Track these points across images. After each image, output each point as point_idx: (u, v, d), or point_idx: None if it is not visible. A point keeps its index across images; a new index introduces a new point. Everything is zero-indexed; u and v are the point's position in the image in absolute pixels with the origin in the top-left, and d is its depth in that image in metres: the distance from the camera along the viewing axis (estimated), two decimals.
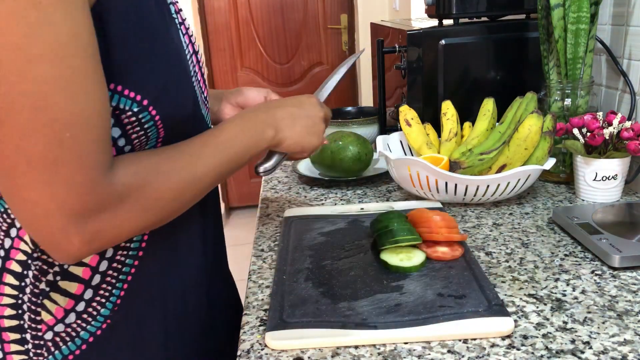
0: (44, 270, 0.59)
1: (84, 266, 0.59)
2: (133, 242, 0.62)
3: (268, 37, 3.43)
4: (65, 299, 0.60)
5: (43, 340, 0.60)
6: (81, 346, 0.61)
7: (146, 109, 0.56)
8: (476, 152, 1.06)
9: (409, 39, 1.19)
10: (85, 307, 0.60)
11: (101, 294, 0.61)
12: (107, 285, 0.61)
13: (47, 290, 0.59)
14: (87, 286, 0.60)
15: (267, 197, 1.11)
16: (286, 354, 0.61)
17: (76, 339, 0.61)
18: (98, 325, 0.61)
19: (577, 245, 0.82)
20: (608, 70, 1.11)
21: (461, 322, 0.62)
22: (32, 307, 0.59)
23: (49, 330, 0.60)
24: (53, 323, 0.60)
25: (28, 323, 0.60)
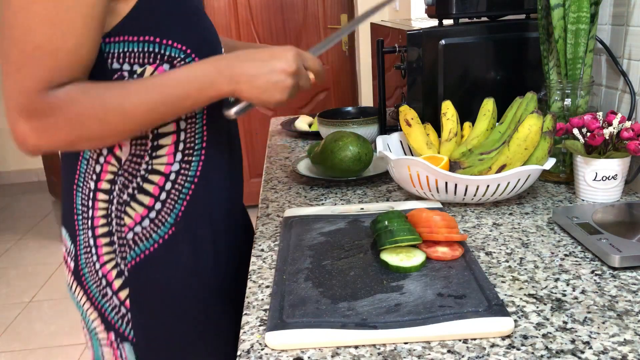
0: (126, 184, 0.79)
1: (154, 185, 0.80)
2: (190, 170, 0.82)
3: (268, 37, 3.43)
4: (142, 208, 0.80)
5: (125, 240, 0.80)
6: (153, 245, 0.81)
7: (190, 55, 0.75)
8: (476, 152, 1.06)
9: (409, 39, 1.19)
10: (156, 215, 0.80)
11: (167, 206, 0.81)
12: (171, 201, 0.81)
13: (128, 200, 0.79)
14: (156, 200, 0.80)
15: (267, 197, 1.11)
16: (286, 354, 0.61)
17: (150, 239, 0.80)
18: (165, 230, 0.81)
19: (577, 245, 0.83)
20: (608, 70, 1.11)
21: (461, 322, 0.62)
22: (118, 214, 0.79)
23: (130, 231, 0.80)
24: (133, 225, 0.80)
25: (115, 227, 0.80)
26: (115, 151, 0.78)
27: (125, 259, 0.80)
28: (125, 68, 0.73)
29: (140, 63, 0.73)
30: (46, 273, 3.11)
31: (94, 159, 0.79)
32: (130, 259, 0.80)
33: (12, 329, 2.60)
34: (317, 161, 1.16)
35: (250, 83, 0.72)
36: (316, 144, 1.25)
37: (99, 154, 0.79)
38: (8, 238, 3.66)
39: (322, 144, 1.16)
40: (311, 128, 1.62)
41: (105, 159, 0.79)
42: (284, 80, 0.73)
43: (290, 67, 0.73)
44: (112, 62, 0.73)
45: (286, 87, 0.73)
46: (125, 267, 0.80)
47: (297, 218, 0.94)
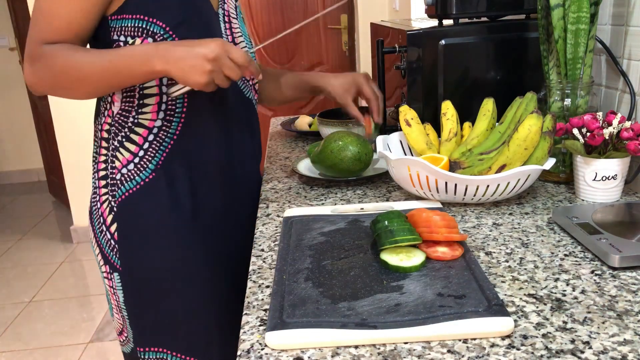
0: (117, 133, 0.96)
1: (138, 135, 0.95)
2: (171, 127, 0.96)
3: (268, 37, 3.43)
4: (128, 153, 0.96)
5: (115, 180, 0.97)
6: (136, 186, 0.96)
7: (168, 32, 0.91)
8: (476, 152, 1.06)
9: (409, 39, 1.19)
10: (139, 161, 0.96)
11: (149, 154, 0.96)
12: (153, 150, 0.96)
13: (118, 146, 0.96)
14: (140, 148, 0.96)
15: (267, 197, 1.11)
16: (286, 354, 0.61)
17: (133, 180, 0.96)
18: (147, 174, 0.96)
19: (577, 245, 0.83)
20: (608, 70, 1.11)
21: (461, 322, 0.62)
22: (112, 158, 0.96)
23: (119, 172, 0.96)
24: (121, 167, 0.96)
25: (110, 170, 0.97)
26: (111, 105, 0.96)
27: (114, 196, 0.96)
28: (122, 39, 0.91)
29: (132, 35, 0.90)
30: (46, 273, 3.11)
31: (102, 112, 0.98)
32: (118, 197, 0.96)
33: (12, 329, 2.60)
34: (316, 161, 1.16)
35: (177, 64, 0.83)
36: (316, 144, 1.25)
37: (105, 108, 0.97)
38: (8, 238, 3.66)
39: (322, 144, 1.16)
40: (311, 128, 1.62)
41: (107, 112, 0.97)
42: (203, 65, 0.83)
43: (210, 54, 0.83)
44: (113, 35, 0.91)
45: (205, 71, 0.83)
46: (115, 203, 0.96)
47: (297, 218, 0.95)
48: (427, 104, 1.21)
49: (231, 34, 1.04)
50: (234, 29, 1.05)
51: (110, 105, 0.96)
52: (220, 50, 0.84)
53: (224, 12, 1.03)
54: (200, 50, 0.83)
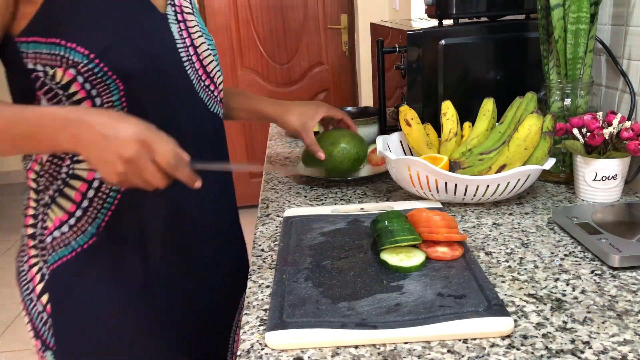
0: (47, 186, 0.78)
1: (76, 190, 0.77)
2: None
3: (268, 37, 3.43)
4: (62, 213, 0.78)
5: (45, 243, 0.78)
6: (72, 252, 0.78)
7: (93, 61, 0.72)
8: (476, 152, 1.06)
9: (409, 39, 1.19)
10: (76, 222, 0.78)
11: (88, 215, 0.78)
12: (94, 210, 0.78)
13: (49, 202, 0.78)
14: (77, 207, 0.78)
15: (267, 197, 1.11)
16: (286, 354, 0.61)
17: (68, 246, 0.78)
18: (86, 240, 0.78)
19: (577, 245, 0.83)
20: (608, 70, 1.11)
21: (461, 322, 0.62)
22: (42, 216, 0.78)
23: (50, 235, 0.78)
24: (52, 229, 0.78)
25: (40, 230, 0.79)
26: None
27: (46, 262, 0.79)
28: (39, 69, 0.72)
29: (50, 65, 0.72)
30: None
31: (29, 155, 0.79)
32: (50, 264, 0.79)
33: (12, 329, 2.60)
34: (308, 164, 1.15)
35: (87, 150, 0.65)
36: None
37: (30, 158, 0.79)
38: (8, 238, 3.66)
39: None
40: None
41: (34, 156, 0.78)
42: (115, 164, 0.64)
43: (125, 153, 0.64)
44: (27, 62, 0.72)
45: (115, 172, 0.65)
46: (47, 270, 0.79)
47: (297, 218, 0.95)
48: (427, 104, 1.21)
49: (188, 35, 0.85)
50: (190, 28, 0.86)
51: None
52: (140, 151, 0.64)
53: (175, 10, 0.84)
54: (114, 144, 0.64)
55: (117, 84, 0.74)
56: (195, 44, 0.86)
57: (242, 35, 3.42)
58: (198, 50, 0.86)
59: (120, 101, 0.75)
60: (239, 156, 3.57)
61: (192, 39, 0.86)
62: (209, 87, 0.88)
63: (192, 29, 0.87)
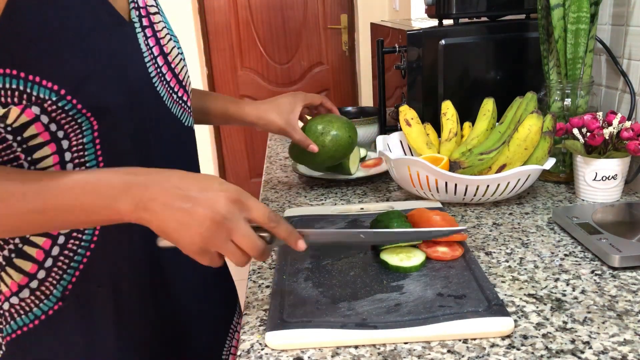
0: (1, 245, 0.65)
1: (37, 248, 0.65)
2: (85, 234, 0.66)
3: (268, 37, 3.43)
4: (20, 275, 0.65)
5: (2, 310, 0.66)
6: (34, 321, 0.66)
7: (64, 97, 0.58)
8: (476, 152, 1.06)
9: (409, 39, 1.19)
10: (39, 286, 0.66)
11: (53, 276, 0.66)
12: (59, 270, 0.66)
13: (3, 264, 0.65)
14: (40, 267, 0.65)
15: (267, 197, 1.11)
16: (286, 354, 0.61)
17: (29, 313, 0.66)
18: (50, 305, 0.67)
19: (577, 245, 0.83)
20: (608, 70, 1.11)
21: (461, 322, 0.62)
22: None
23: (6, 301, 0.66)
24: (9, 295, 0.66)
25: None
26: None
27: (2, 331, 0.67)
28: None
29: (3, 102, 0.57)
30: None
31: None
32: (6, 334, 0.67)
33: None
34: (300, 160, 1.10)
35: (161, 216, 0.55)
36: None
37: None
38: None
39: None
40: None
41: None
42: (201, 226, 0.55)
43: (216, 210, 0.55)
44: None
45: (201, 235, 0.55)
46: (2, 340, 0.67)
47: (297, 218, 0.94)
48: (427, 104, 1.21)
49: (156, 42, 0.72)
50: (158, 32, 0.74)
51: None
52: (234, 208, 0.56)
53: (140, 14, 0.71)
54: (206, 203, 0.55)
55: (91, 122, 0.61)
56: (165, 50, 0.73)
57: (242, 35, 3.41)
58: (169, 58, 0.74)
59: (93, 142, 0.63)
60: (239, 156, 3.57)
61: (162, 46, 0.73)
62: (182, 97, 0.76)
63: (161, 33, 0.74)
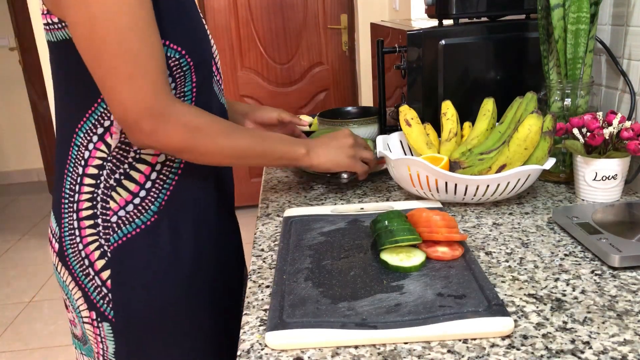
0: (113, 170, 0.83)
1: (139, 173, 0.84)
2: (175, 162, 0.86)
3: (268, 37, 3.43)
4: (127, 193, 0.84)
5: (110, 223, 0.84)
6: (136, 229, 0.84)
7: (184, 56, 0.81)
8: (476, 152, 1.06)
9: (409, 39, 1.19)
10: (140, 202, 0.84)
11: (151, 195, 0.85)
12: (156, 190, 0.85)
13: (114, 185, 0.83)
14: (141, 188, 0.84)
15: (267, 197, 1.11)
16: (286, 354, 0.61)
17: (132, 224, 0.84)
18: (148, 217, 0.85)
19: (577, 245, 0.83)
20: (608, 70, 1.11)
21: (461, 322, 0.62)
22: (104, 198, 0.83)
23: (114, 215, 0.84)
24: (117, 209, 0.84)
25: (100, 210, 0.84)
26: (106, 138, 0.82)
27: (108, 240, 0.84)
28: None
29: None
30: (46, 273, 3.11)
31: (84, 145, 0.83)
32: (113, 242, 0.84)
33: (12, 329, 2.60)
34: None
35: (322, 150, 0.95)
36: None
37: (89, 141, 0.83)
38: (8, 238, 3.66)
39: None
40: (311, 128, 1.62)
41: (95, 145, 0.83)
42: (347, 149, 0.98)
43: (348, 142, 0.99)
44: None
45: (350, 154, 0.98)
46: (108, 248, 0.84)
47: (297, 218, 0.94)
48: (427, 104, 1.21)
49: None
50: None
51: (103, 135, 0.82)
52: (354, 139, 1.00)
53: None
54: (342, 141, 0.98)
55: (192, 74, 0.84)
56: None
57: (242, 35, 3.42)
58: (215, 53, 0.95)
59: (191, 90, 0.85)
60: None
61: None
62: (219, 81, 0.96)
63: None
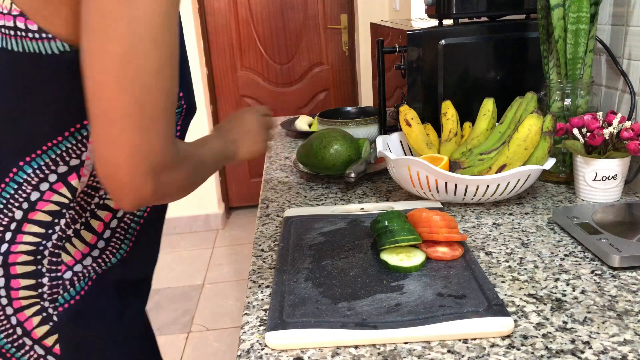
0: (75, 219, 0.69)
1: (99, 221, 0.71)
2: (139, 210, 0.75)
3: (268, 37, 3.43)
4: (83, 245, 0.70)
5: (62, 280, 0.69)
6: (88, 282, 0.71)
7: (180, 100, 0.73)
8: (476, 152, 1.06)
9: (409, 39, 1.19)
10: (99, 254, 0.72)
11: (112, 245, 0.73)
12: (117, 241, 0.74)
13: (71, 235, 0.69)
14: (99, 238, 0.71)
15: (267, 197, 1.11)
16: (286, 354, 0.61)
17: (86, 278, 0.71)
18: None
19: (577, 245, 0.83)
20: (608, 70, 1.11)
21: (461, 322, 0.62)
22: (54, 251, 0.68)
23: (68, 270, 0.69)
24: (72, 264, 0.70)
25: (47, 267, 0.68)
26: (70, 180, 0.66)
27: (56, 301, 0.70)
28: None
29: None
30: None
31: (32, 184, 0.66)
32: (64, 301, 0.70)
33: None
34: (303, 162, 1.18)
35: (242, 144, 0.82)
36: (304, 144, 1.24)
37: (41, 180, 0.66)
38: None
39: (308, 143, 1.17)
40: (311, 128, 1.62)
41: (51, 187, 0.67)
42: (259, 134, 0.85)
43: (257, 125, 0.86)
44: None
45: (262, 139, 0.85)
46: (54, 311, 0.70)
47: (297, 218, 0.94)
48: (427, 104, 1.21)
49: None
50: None
51: (66, 175, 0.66)
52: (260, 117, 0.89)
53: None
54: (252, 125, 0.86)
55: (180, 119, 0.77)
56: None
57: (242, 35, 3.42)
58: None
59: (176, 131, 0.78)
60: None
61: None
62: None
63: None
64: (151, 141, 0.57)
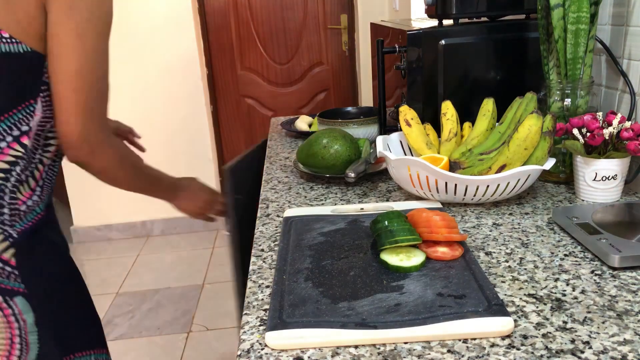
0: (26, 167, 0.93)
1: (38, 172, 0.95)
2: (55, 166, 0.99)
3: (268, 37, 3.43)
4: (30, 187, 0.95)
5: (18, 211, 0.93)
6: (37, 216, 0.96)
7: None
8: (476, 152, 1.06)
9: (409, 39, 1.19)
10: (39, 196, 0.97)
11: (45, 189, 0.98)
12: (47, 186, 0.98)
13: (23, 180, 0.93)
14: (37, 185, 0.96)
15: (267, 197, 1.11)
16: (286, 354, 0.61)
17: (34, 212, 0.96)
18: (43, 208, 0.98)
19: (577, 245, 0.83)
20: (608, 70, 1.11)
21: (461, 322, 0.62)
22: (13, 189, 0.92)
23: (24, 204, 0.94)
24: (25, 199, 0.94)
25: (8, 201, 0.92)
26: (23, 140, 0.91)
27: (13, 226, 0.93)
28: None
29: None
30: None
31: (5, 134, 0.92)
32: (20, 227, 0.94)
33: None
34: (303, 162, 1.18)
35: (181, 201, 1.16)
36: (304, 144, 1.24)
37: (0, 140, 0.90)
38: None
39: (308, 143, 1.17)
40: (311, 128, 1.62)
41: (9, 145, 0.92)
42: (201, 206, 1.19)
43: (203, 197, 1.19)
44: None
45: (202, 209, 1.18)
46: (13, 231, 0.93)
47: (297, 218, 0.95)
48: (427, 104, 1.21)
49: None
50: None
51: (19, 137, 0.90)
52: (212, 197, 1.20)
53: None
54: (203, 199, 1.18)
55: None
56: None
57: (242, 35, 3.41)
58: None
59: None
60: None
61: None
62: None
63: None
64: (91, 119, 0.89)
